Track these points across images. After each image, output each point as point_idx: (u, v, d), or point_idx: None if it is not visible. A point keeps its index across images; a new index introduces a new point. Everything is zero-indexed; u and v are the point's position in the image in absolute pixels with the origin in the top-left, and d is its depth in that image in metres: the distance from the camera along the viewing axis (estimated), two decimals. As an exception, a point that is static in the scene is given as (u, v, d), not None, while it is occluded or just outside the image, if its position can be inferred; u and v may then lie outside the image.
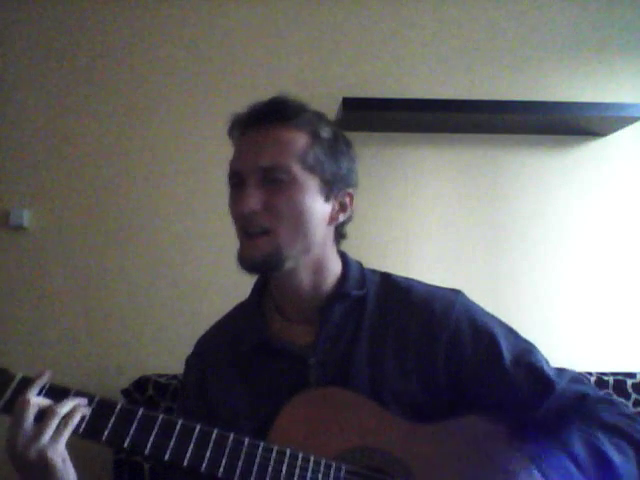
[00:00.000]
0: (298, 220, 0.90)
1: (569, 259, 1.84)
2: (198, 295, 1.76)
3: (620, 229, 1.85)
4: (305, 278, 0.95)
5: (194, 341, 1.10)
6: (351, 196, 0.98)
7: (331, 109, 1.70)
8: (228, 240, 1.73)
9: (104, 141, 1.80)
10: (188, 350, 1.10)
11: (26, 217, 1.74)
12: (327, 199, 0.94)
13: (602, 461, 0.80)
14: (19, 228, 1.75)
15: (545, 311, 1.82)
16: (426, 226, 1.84)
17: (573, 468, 0.79)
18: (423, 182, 1.85)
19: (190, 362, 1.08)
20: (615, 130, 1.83)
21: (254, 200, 0.88)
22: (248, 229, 0.90)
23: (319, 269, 0.96)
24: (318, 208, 0.92)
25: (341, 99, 1.69)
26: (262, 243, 0.90)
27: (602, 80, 1.87)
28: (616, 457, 0.80)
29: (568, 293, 1.83)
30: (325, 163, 0.92)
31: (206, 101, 1.81)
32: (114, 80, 1.81)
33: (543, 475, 0.80)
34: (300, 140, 0.91)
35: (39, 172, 1.78)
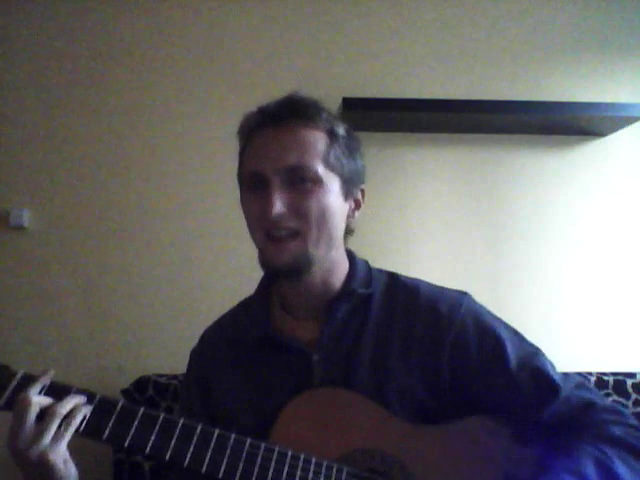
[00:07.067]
0: (324, 221, 0.88)
1: (569, 259, 1.84)
2: (198, 295, 1.76)
3: (620, 229, 1.85)
4: (318, 276, 0.94)
5: (194, 341, 1.10)
6: (363, 192, 0.99)
7: (331, 109, 1.70)
8: (228, 240, 1.76)
9: (104, 141, 1.80)
10: (188, 350, 1.10)
11: (26, 217, 1.74)
12: (346, 198, 0.94)
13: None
14: (19, 228, 1.75)
15: (545, 311, 1.82)
16: (426, 226, 1.84)
17: None
18: (423, 182, 1.85)
19: (194, 356, 1.08)
20: (615, 130, 1.83)
21: (281, 203, 0.85)
22: (275, 232, 0.87)
23: (332, 268, 0.96)
24: (340, 207, 0.92)
25: (341, 99, 1.69)
26: (290, 246, 0.87)
27: (602, 80, 1.87)
28: (626, 475, 0.79)
29: (568, 293, 1.83)
30: (344, 161, 0.92)
31: (206, 101, 1.81)
32: (114, 80, 1.81)
33: None
34: (321, 139, 0.90)
35: (39, 172, 1.78)
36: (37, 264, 1.76)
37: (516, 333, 0.96)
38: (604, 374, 1.62)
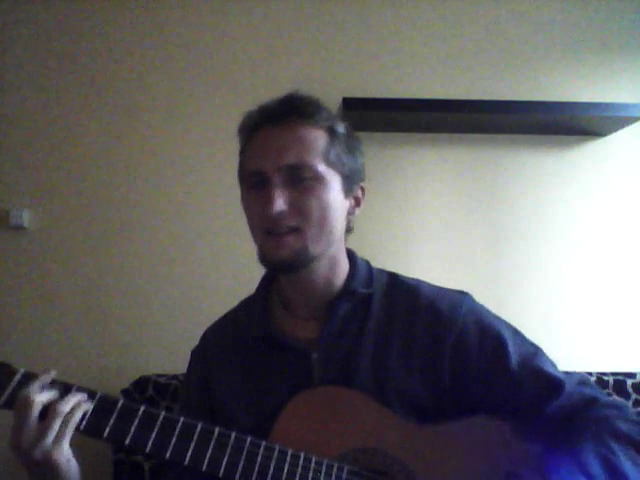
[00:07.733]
0: (324, 218, 0.89)
1: (569, 259, 1.84)
2: (198, 295, 1.76)
3: (620, 229, 1.85)
4: (320, 275, 0.95)
5: (194, 341, 1.11)
6: (363, 190, 0.99)
7: (331, 109, 1.70)
8: (228, 240, 1.76)
9: (104, 141, 1.80)
10: (188, 350, 1.11)
11: (26, 217, 1.74)
12: (346, 195, 0.94)
13: (618, 477, 0.78)
14: (19, 228, 1.75)
15: (545, 311, 1.82)
16: (426, 226, 1.84)
17: None
18: (423, 182, 1.85)
19: (195, 355, 1.08)
20: (615, 130, 1.83)
21: (282, 200, 0.86)
22: (275, 229, 0.88)
23: (333, 265, 0.96)
24: (340, 205, 0.93)
25: (341, 99, 1.69)
26: (290, 241, 0.88)
27: (602, 80, 1.87)
28: (631, 472, 0.79)
29: (568, 293, 1.83)
30: (344, 159, 0.93)
31: (206, 101, 1.81)
32: (114, 80, 1.81)
33: None
34: (321, 138, 0.91)
35: (39, 172, 1.78)
36: (37, 264, 1.76)
37: (517, 333, 0.96)
38: (604, 374, 1.62)
